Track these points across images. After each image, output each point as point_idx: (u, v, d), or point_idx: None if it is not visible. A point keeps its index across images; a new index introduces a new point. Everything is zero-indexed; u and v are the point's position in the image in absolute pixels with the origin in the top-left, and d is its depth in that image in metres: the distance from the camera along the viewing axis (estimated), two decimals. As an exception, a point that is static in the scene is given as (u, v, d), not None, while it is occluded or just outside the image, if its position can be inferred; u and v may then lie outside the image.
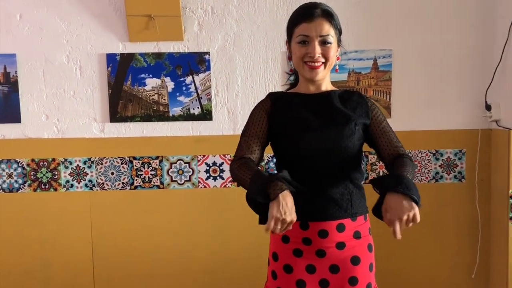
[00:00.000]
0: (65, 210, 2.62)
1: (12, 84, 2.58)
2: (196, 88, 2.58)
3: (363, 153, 1.56)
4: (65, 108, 2.60)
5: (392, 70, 2.55)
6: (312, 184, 1.37)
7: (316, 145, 1.42)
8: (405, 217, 1.29)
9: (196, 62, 2.56)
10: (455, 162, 2.58)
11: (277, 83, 2.56)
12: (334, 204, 1.43)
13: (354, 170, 1.46)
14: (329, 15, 1.45)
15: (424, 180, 2.59)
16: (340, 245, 1.44)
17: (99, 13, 2.54)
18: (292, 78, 1.65)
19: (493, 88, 2.47)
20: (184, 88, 2.58)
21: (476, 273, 2.59)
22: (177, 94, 2.58)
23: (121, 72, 2.57)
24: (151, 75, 2.58)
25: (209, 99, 2.58)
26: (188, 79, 2.57)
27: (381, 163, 2.57)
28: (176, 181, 2.61)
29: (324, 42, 1.44)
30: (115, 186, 2.62)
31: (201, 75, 2.57)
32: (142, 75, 2.57)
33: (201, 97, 2.58)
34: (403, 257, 2.61)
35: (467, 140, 2.56)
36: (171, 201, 2.63)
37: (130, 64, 2.57)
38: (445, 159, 2.58)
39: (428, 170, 2.58)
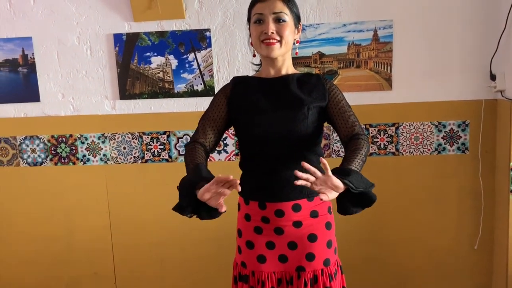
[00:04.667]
0: (83, 182, 2.82)
1: (31, 66, 2.75)
2: (198, 65, 2.65)
3: (323, 134, 1.60)
4: (79, 87, 2.76)
5: (393, 41, 2.50)
6: (268, 167, 1.43)
7: (268, 128, 1.48)
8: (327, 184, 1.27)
9: (198, 39, 2.62)
10: (458, 134, 2.54)
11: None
12: (289, 186, 1.49)
13: (310, 152, 1.51)
14: None
15: (426, 152, 2.57)
16: (297, 224, 1.51)
17: (104, -6, 2.65)
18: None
19: (498, 57, 2.38)
20: (187, 65, 2.66)
21: (479, 244, 2.58)
22: (181, 71, 2.67)
23: (128, 51, 2.68)
24: (155, 53, 2.67)
25: (211, 76, 2.65)
26: (191, 56, 2.65)
27: (381, 135, 2.58)
28: (183, 155, 2.73)
29: (278, 20, 1.48)
30: (127, 160, 2.78)
31: (203, 52, 2.64)
32: (148, 54, 2.68)
33: (204, 74, 2.65)
34: (405, 228, 2.64)
35: (471, 111, 2.50)
36: (180, 173, 2.74)
37: (136, 43, 2.67)
38: (448, 131, 2.54)
39: (430, 142, 2.56)
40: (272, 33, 1.48)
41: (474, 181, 2.54)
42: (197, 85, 2.67)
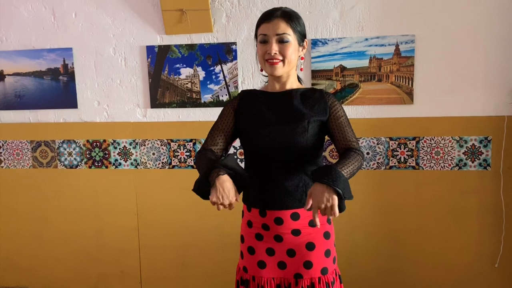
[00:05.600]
0: (114, 185, 2.98)
1: (70, 75, 2.95)
2: (224, 77, 2.77)
3: (324, 146, 1.66)
4: (113, 95, 2.93)
5: (415, 56, 2.53)
6: (269, 176, 1.50)
7: (270, 140, 1.55)
8: (322, 206, 1.35)
9: (224, 52, 2.74)
10: (480, 150, 2.52)
11: (299, 72, 2.66)
12: (288, 195, 1.56)
13: (310, 163, 1.57)
14: (287, 16, 1.57)
15: (447, 167, 2.56)
16: (296, 232, 1.58)
17: (139, 8, 2.81)
18: None
19: (521, 73, 2.36)
20: (214, 77, 2.78)
21: (500, 262, 2.54)
22: (208, 82, 2.79)
23: (159, 62, 2.83)
24: (185, 65, 2.81)
25: (236, 87, 2.76)
26: (217, 68, 2.77)
27: (402, 149, 2.59)
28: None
29: (281, 41, 1.56)
30: (156, 165, 2.92)
31: (229, 64, 2.75)
32: (177, 65, 2.81)
33: (229, 85, 2.76)
34: (424, 243, 2.63)
35: (493, 127, 2.48)
36: (204, 180, 2.87)
37: (167, 55, 2.82)
38: (470, 146, 2.53)
39: (451, 157, 2.55)
40: (275, 53, 1.55)
41: (495, 198, 2.51)
42: (222, 96, 2.78)
